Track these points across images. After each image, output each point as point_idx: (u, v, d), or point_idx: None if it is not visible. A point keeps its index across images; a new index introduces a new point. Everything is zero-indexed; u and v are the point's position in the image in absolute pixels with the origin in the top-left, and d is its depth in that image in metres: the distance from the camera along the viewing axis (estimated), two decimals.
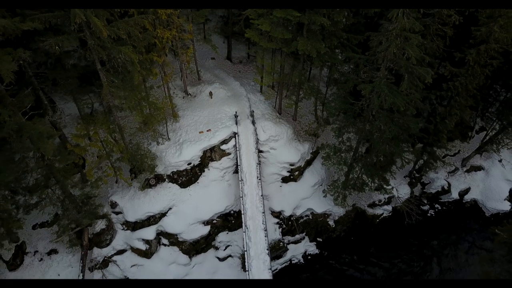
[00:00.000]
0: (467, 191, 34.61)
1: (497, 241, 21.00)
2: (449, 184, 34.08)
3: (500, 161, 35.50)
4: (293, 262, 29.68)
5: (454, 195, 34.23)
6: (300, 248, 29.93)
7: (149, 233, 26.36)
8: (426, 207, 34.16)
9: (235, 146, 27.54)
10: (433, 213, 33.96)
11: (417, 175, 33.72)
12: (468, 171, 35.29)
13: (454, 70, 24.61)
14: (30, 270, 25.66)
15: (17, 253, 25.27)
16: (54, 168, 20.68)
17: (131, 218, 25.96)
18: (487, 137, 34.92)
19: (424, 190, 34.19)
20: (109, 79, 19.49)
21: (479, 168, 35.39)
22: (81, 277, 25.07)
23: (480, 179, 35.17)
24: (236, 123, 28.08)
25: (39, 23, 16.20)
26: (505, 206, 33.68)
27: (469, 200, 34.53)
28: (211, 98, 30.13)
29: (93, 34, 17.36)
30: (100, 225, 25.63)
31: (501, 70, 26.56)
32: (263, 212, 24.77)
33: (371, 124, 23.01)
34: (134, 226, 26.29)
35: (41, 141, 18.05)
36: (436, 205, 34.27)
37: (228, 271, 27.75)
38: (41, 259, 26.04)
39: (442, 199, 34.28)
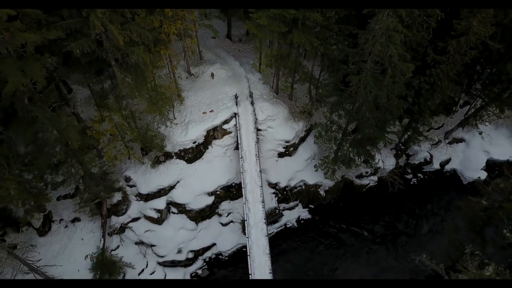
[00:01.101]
0: (447, 161, 37.82)
1: (461, 214, 24.47)
2: (431, 156, 37.25)
3: (480, 133, 38.31)
4: (287, 226, 33.47)
5: (436, 165, 37.50)
6: (294, 214, 33.62)
7: (160, 203, 29.76)
8: (409, 176, 37.54)
9: (235, 125, 30.23)
10: (415, 182, 37.43)
11: (402, 147, 36.71)
12: (450, 143, 38.29)
13: (437, 58, 26.76)
14: (57, 236, 29.36)
15: (45, 221, 28.80)
16: (77, 152, 23.53)
17: (144, 190, 29.24)
18: (470, 112, 37.51)
19: (409, 161, 37.41)
20: (123, 74, 21.81)
21: (460, 140, 38.35)
22: (102, 241, 28.79)
23: (460, 150, 38.26)
24: (236, 104, 30.56)
25: (62, 31, 18.29)
26: (481, 175, 36.96)
27: (449, 169, 37.83)
28: (213, 78, 32.31)
29: (109, 38, 19.44)
30: (117, 197, 28.96)
31: (478, 58, 28.68)
32: (261, 186, 28.03)
33: (358, 110, 25.59)
34: (146, 197, 29.62)
35: (67, 132, 20.73)
36: (419, 175, 37.65)
37: (230, 235, 31.58)
38: (66, 226, 29.66)
39: (424, 169, 37.61)
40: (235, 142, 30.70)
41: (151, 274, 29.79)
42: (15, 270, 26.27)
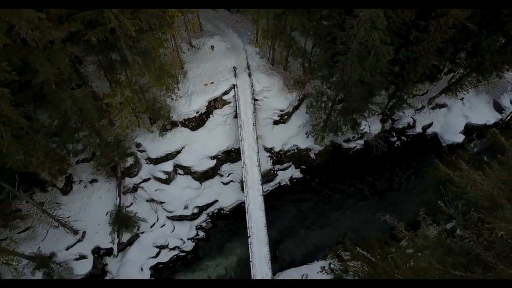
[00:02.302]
0: (429, 125, 41.12)
1: (430, 178, 28.17)
2: (414, 121, 40.50)
3: (461, 99, 41.28)
4: (281, 184, 37.44)
5: (418, 129, 40.84)
6: (287, 174, 37.49)
7: (168, 166, 33.38)
8: (394, 139, 41.01)
9: (234, 96, 33.08)
10: (399, 144, 40.97)
11: (388, 113, 39.81)
12: (433, 108, 41.35)
13: (419, 36, 29.09)
14: (78, 195, 33.30)
15: (67, 182, 32.59)
16: (95, 124, 26.70)
17: (153, 155, 32.74)
18: (453, 79, 40.17)
19: (393, 126, 40.68)
20: (134, 57, 24.42)
21: (442, 106, 41.39)
22: (118, 200, 32.79)
23: (442, 115, 41.43)
24: (235, 76, 33.20)
25: (80, 23, 20.70)
26: (459, 138, 40.36)
27: (430, 133, 41.23)
28: (213, 50, 34.59)
29: (122, 28, 21.85)
30: (129, 161, 32.51)
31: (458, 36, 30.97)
32: (257, 152, 31.54)
33: (345, 84, 28.41)
34: (155, 161, 33.18)
35: (87, 109, 23.79)
36: (403, 138, 41.10)
37: (231, 193, 35.60)
38: (85, 186, 33.52)
39: (408, 132, 40.97)
40: (234, 112, 33.73)
41: (161, 227, 34.13)
42: (47, 224, 30.57)
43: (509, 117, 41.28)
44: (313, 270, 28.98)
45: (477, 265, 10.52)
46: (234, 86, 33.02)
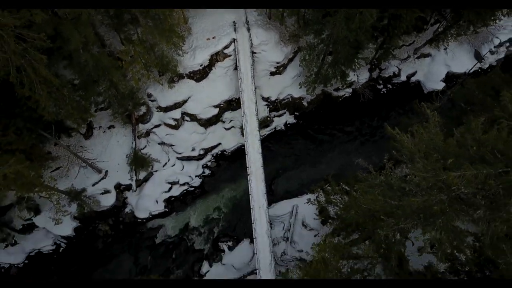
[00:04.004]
0: (413, 74, 44.64)
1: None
2: (399, 70, 43.95)
3: (445, 49, 44.37)
4: (277, 129, 42.00)
5: (403, 78, 44.40)
6: (282, 119, 41.90)
7: (176, 113, 37.59)
8: (380, 87, 44.85)
9: (234, 50, 36.31)
10: (385, 92, 44.87)
11: (376, 62, 43.17)
12: (418, 57, 44.55)
13: None
14: (98, 139, 37.91)
15: (88, 128, 37.04)
16: (112, 79, 30.45)
17: (163, 104, 36.82)
18: (439, 31, 42.92)
19: (380, 74, 44.22)
20: (146, 21, 27.57)
21: (427, 55, 44.57)
22: (134, 143, 37.51)
23: (426, 64, 44.78)
24: (235, 31, 36.15)
25: None
26: (440, 86, 44.08)
27: (414, 81, 44.90)
28: None
29: None
30: (142, 109, 36.67)
31: None
32: (255, 102, 35.63)
33: (334, 42, 31.70)
34: (165, 109, 37.33)
35: (108, 68, 27.51)
36: (388, 86, 44.84)
37: (232, 137, 40.26)
38: (104, 131, 38.04)
39: (393, 81, 44.60)
40: (234, 64, 37.16)
41: (172, 166, 39.26)
42: (75, 165, 35.60)
43: (487, 66, 44.85)
44: (302, 202, 34.71)
45: (406, 196, 15.38)
46: (234, 40, 36.12)
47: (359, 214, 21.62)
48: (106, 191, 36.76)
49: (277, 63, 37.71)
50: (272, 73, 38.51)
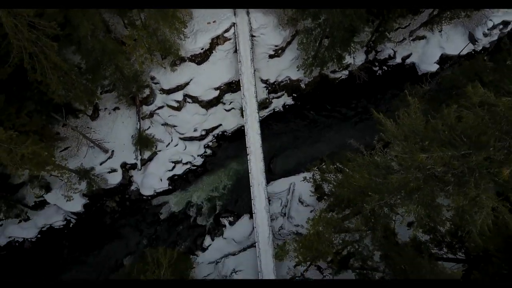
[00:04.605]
0: (408, 56, 45.81)
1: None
2: (395, 52, 45.11)
3: (440, 31, 45.42)
4: (275, 110, 43.50)
5: (398, 60, 45.54)
6: (281, 101, 43.37)
7: (178, 95, 39.06)
8: (376, 69, 46.15)
9: (234, 33, 37.47)
10: (380, 73, 46.21)
11: (372, 45, 44.32)
12: (413, 40, 45.64)
13: None
14: (104, 120, 39.56)
15: (95, 110, 38.63)
16: (118, 63, 31.84)
17: (165, 86, 38.25)
18: (434, 13, 43.84)
19: (376, 56, 45.45)
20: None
21: (422, 38, 45.63)
22: (138, 124, 39.18)
23: (420, 46, 45.91)
24: (235, 15, 37.20)
25: None
26: (433, 68, 45.32)
27: (409, 63, 46.14)
28: None
29: None
30: (146, 92, 38.13)
31: None
32: (254, 85, 37.10)
33: (330, 27, 32.91)
34: (168, 91, 38.76)
35: (115, 55, 28.89)
36: (384, 67, 46.13)
37: (232, 118, 41.83)
38: (110, 113, 39.64)
39: (388, 63, 45.84)
40: (234, 47, 38.38)
41: (175, 146, 41.05)
42: (82, 145, 37.38)
43: (480, 48, 46.03)
44: (299, 180, 36.67)
45: (390, 175, 17.21)
46: (234, 24, 37.22)
47: (350, 191, 23.51)
48: (113, 170, 38.68)
49: (276, 46, 38.91)
50: (271, 56, 39.76)
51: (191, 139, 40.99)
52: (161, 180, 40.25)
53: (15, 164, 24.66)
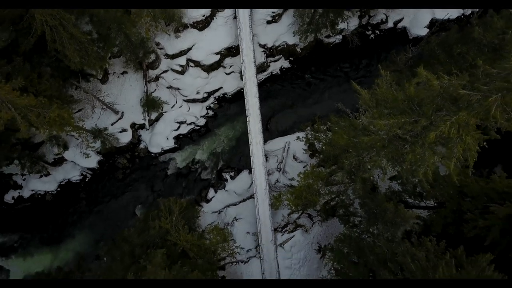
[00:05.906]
0: (400, 20, 47.88)
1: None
2: (387, 17, 47.19)
3: None
4: (273, 73, 46.26)
5: (390, 24, 47.68)
6: (278, 64, 46.06)
7: (182, 60, 41.80)
8: (369, 33, 48.39)
9: None
10: (373, 37, 48.51)
11: (365, 9, 46.27)
12: None
13: None
14: (114, 84, 42.60)
15: (105, 74, 41.54)
16: (127, 31, 34.42)
17: (170, 52, 40.93)
18: None
19: (369, 21, 47.52)
20: None
21: None
22: (145, 87, 42.25)
23: (412, 11, 47.84)
24: None
25: None
26: (423, 32, 47.45)
27: (400, 27, 48.29)
28: None
29: None
30: (152, 57, 40.86)
31: None
32: (253, 50, 39.76)
33: None
34: (172, 56, 41.50)
35: (126, 26, 31.50)
36: (376, 32, 48.35)
37: (232, 81, 44.74)
38: (118, 77, 42.57)
39: (381, 27, 48.02)
40: (234, 13, 40.62)
41: (179, 107, 44.35)
42: (95, 107, 40.70)
43: (469, 12, 48.02)
44: (293, 139, 40.41)
45: (365, 136, 20.81)
46: None
47: (335, 148, 27.30)
48: (123, 130, 42.27)
49: (273, 12, 41.12)
50: (269, 22, 42.04)
51: (194, 101, 44.19)
52: (167, 139, 43.91)
53: (42, 125, 28.22)
